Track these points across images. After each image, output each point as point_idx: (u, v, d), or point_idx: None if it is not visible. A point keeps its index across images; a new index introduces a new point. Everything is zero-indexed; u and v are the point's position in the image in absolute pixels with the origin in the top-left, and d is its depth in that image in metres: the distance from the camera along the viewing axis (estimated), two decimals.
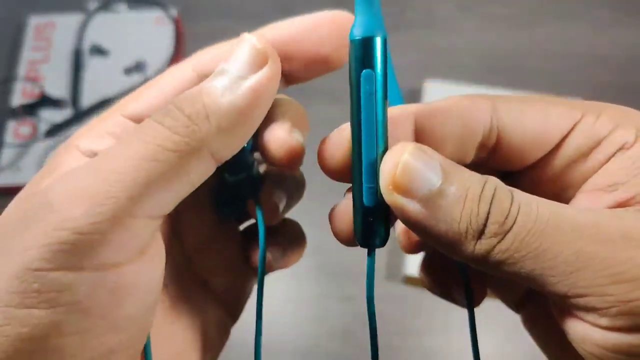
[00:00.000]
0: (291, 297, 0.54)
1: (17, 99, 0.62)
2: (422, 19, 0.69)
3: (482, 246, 0.18)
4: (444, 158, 0.18)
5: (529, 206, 0.17)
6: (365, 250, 0.21)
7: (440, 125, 0.20)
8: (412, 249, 0.25)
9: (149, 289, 0.19)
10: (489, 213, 0.17)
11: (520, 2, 0.69)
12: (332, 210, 0.21)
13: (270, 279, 0.32)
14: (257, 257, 0.25)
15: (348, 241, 0.21)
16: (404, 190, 0.18)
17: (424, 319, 0.53)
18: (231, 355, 0.50)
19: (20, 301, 0.17)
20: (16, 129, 0.60)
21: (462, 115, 0.20)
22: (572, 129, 0.20)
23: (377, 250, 0.20)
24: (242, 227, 0.29)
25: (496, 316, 0.53)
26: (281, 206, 0.26)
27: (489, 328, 0.53)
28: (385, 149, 0.19)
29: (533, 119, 0.20)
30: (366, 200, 0.19)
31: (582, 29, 0.67)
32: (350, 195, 0.20)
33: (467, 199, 0.18)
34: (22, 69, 0.63)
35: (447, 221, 0.18)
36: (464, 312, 0.27)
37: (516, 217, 0.17)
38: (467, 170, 0.18)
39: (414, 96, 0.62)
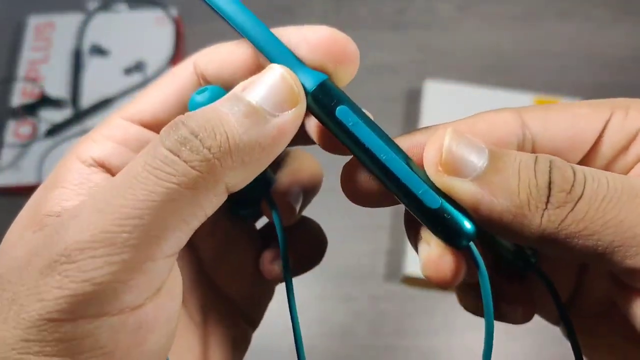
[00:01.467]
0: None
1: (17, 99, 0.62)
2: (422, 19, 0.69)
3: (550, 217, 0.17)
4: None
5: (597, 174, 0.17)
6: (365, 251, 0.20)
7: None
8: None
9: (169, 320, 0.19)
10: (550, 182, 0.17)
11: (520, 2, 0.69)
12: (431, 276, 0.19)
13: None
14: (266, 264, 0.25)
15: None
16: (453, 171, 0.17)
17: (424, 319, 0.53)
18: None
19: (40, 349, 0.16)
20: (16, 129, 0.60)
21: (494, 131, 0.19)
22: (605, 127, 0.19)
23: (377, 250, 0.20)
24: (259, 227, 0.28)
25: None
26: (297, 205, 0.25)
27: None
28: (406, 155, 0.19)
29: (562, 125, 0.19)
30: (429, 203, 0.18)
31: (582, 28, 0.67)
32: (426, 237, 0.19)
33: (522, 172, 0.17)
34: (22, 69, 0.63)
35: (505, 196, 0.17)
36: (463, 313, 0.27)
37: (584, 185, 0.17)
38: (514, 150, 0.18)
39: (414, 96, 0.62)
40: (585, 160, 0.20)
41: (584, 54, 0.67)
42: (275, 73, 0.18)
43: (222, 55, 0.21)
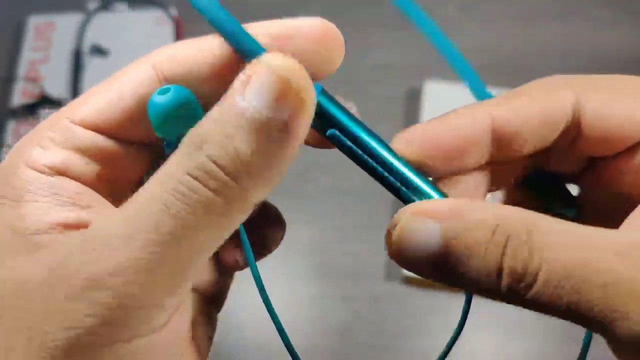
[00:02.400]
0: (290, 297, 0.55)
1: (17, 99, 0.62)
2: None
3: (507, 297, 0.17)
4: (451, 206, 0.18)
5: (559, 249, 0.16)
6: (365, 251, 0.21)
7: (520, 123, 0.20)
8: None
9: (181, 334, 0.19)
10: (500, 269, 0.16)
11: (520, 2, 0.69)
12: None
13: (269, 279, 0.32)
14: (227, 254, 0.24)
15: None
16: (406, 260, 0.18)
17: (424, 319, 0.53)
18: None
19: None
20: (16, 129, 0.60)
21: (542, 110, 0.20)
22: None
23: (377, 250, 0.21)
24: None
25: (497, 314, 0.53)
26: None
27: (490, 327, 0.53)
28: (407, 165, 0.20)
29: (620, 110, 0.19)
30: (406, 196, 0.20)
31: (582, 28, 0.67)
32: None
33: (472, 259, 0.17)
34: (22, 69, 0.63)
35: (462, 277, 0.17)
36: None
37: (537, 272, 0.16)
38: (477, 215, 0.17)
39: (414, 96, 0.62)
40: (636, 147, 0.19)
41: (584, 54, 0.67)
42: (266, 65, 0.17)
43: (187, 52, 0.20)
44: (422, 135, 0.20)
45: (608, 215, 0.19)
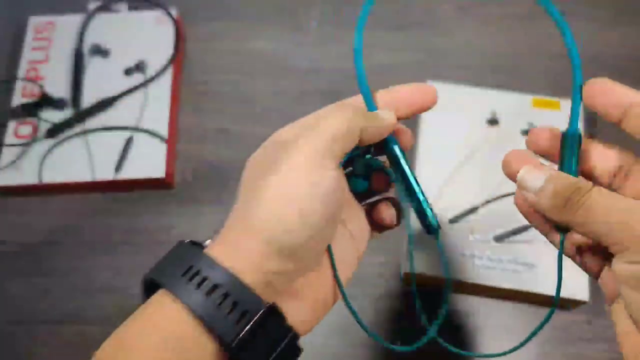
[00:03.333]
0: None
1: (17, 99, 0.62)
2: (422, 19, 0.69)
3: (565, 215, 0.27)
4: (549, 169, 0.29)
5: (600, 194, 0.26)
6: (365, 251, 0.33)
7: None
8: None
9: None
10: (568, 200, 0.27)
11: (520, 3, 0.69)
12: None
13: None
14: (376, 212, 0.36)
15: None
16: (524, 188, 0.29)
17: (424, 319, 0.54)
18: None
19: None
20: (16, 129, 0.60)
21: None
22: None
23: (377, 250, 0.22)
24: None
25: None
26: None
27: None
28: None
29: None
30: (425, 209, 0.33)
31: (582, 29, 0.67)
32: None
33: (555, 194, 0.27)
34: (22, 69, 0.64)
35: (545, 202, 0.28)
36: (463, 312, 0.27)
37: (587, 199, 0.26)
38: (565, 176, 0.28)
39: None
40: None
41: (584, 54, 0.66)
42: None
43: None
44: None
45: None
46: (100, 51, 0.65)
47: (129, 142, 0.60)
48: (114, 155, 0.59)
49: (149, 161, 0.59)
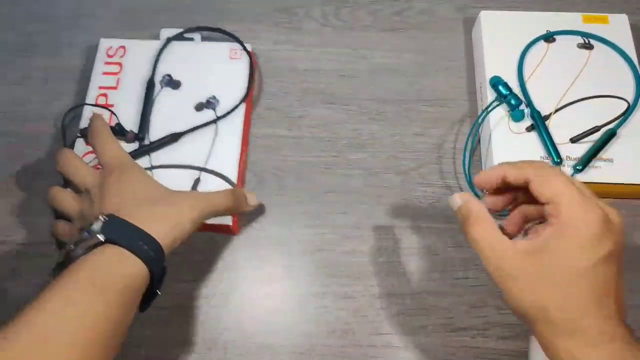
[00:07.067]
0: (290, 296, 0.55)
1: (85, 124, 0.60)
2: (422, 19, 0.71)
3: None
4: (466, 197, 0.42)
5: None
6: (365, 250, 0.53)
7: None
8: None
9: None
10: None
11: (519, 2, 0.71)
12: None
13: (269, 279, 0.45)
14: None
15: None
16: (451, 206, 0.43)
17: (424, 319, 0.54)
18: None
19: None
20: (83, 152, 0.59)
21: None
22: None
23: (376, 250, 0.34)
24: None
25: None
26: None
27: None
28: None
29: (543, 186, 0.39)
30: None
31: None
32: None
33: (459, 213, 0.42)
34: (91, 94, 0.62)
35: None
36: (463, 312, 0.24)
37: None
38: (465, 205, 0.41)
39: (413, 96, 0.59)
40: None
41: None
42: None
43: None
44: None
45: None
46: (171, 82, 0.63)
47: (196, 183, 0.57)
48: None
49: None
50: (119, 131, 0.59)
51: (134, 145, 0.59)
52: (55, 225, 0.52)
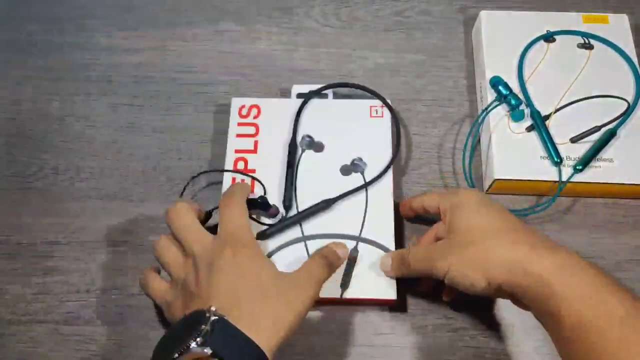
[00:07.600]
0: None
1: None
2: (421, 20, 0.71)
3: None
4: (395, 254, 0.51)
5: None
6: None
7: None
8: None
9: None
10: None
11: (518, 3, 0.71)
12: None
13: None
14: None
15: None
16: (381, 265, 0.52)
17: (424, 318, 0.53)
18: None
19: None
20: None
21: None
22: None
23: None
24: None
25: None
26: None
27: None
28: None
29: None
30: None
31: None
32: None
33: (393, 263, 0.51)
34: (229, 159, 0.57)
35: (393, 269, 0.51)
36: (462, 312, 0.38)
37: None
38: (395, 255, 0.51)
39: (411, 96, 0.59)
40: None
41: None
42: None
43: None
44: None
45: None
46: (313, 144, 0.58)
47: (353, 255, 0.52)
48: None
49: (376, 278, 0.51)
50: (260, 205, 0.53)
51: (275, 218, 0.54)
52: (146, 274, 0.48)
